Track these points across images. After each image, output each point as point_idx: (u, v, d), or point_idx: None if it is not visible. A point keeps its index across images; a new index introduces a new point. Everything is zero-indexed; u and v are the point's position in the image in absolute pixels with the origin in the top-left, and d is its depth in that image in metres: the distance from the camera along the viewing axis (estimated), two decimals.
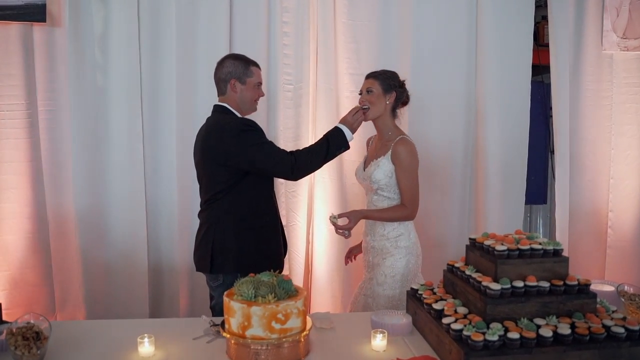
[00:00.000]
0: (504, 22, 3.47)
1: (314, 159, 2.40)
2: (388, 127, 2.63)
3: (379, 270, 2.59)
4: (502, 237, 1.96)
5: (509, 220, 3.52)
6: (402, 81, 2.66)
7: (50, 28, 3.18)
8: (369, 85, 2.61)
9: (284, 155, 2.36)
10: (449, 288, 2.05)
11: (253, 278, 1.80)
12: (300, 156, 2.37)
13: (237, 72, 2.46)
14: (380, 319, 2.05)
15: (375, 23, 3.42)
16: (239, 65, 2.47)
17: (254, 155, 2.32)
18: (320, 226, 3.48)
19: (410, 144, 2.58)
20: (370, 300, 2.60)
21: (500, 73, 3.48)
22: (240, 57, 2.51)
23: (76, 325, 2.36)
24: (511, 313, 1.75)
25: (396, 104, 2.64)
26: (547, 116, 4.18)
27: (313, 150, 2.42)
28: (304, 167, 2.39)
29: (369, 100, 2.58)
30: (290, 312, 1.71)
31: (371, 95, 2.58)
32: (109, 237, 3.31)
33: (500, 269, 1.80)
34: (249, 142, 2.32)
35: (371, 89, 2.59)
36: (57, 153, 3.27)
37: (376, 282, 2.59)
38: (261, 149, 2.34)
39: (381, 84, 2.59)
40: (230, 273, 2.35)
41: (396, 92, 2.61)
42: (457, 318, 1.78)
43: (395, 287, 2.54)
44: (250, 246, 2.39)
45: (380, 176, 2.57)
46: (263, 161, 2.34)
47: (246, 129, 2.34)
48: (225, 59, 2.51)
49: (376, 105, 2.58)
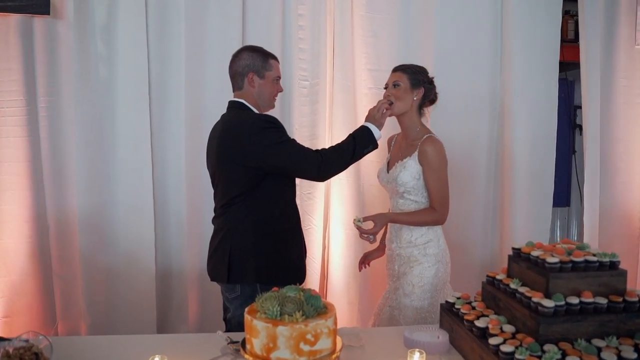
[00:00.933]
0: (531, 16, 3.31)
1: (341, 158, 2.20)
2: (414, 125, 2.46)
3: (406, 280, 2.41)
4: (551, 246, 1.77)
5: (535, 224, 3.39)
6: (431, 78, 2.50)
7: (52, 20, 3.01)
8: (396, 78, 2.43)
9: (310, 154, 2.17)
10: (490, 302, 1.87)
11: (277, 293, 1.61)
12: (327, 154, 2.18)
13: (255, 65, 2.27)
14: (414, 335, 1.87)
15: (395, 16, 3.26)
16: (257, 58, 2.29)
17: (277, 154, 2.13)
18: (336, 230, 3.31)
19: (438, 143, 2.41)
20: (396, 312, 2.42)
21: (527, 69, 3.32)
22: (257, 49, 2.32)
23: (79, 342, 2.17)
24: (566, 333, 1.57)
25: (423, 101, 2.47)
26: (570, 115, 4.01)
27: (339, 149, 2.22)
28: (331, 167, 2.19)
29: (394, 94, 2.40)
30: (321, 332, 1.52)
31: (397, 90, 2.41)
32: (113, 241, 3.14)
33: (552, 284, 1.62)
34: (270, 141, 2.13)
35: (398, 83, 2.41)
36: (59, 152, 3.10)
37: (403, 292, 2.41)
38: (284, 147, 2.15)
39: (409, 78, 2.42)
40: (248, 284, 2.17)
41: (424, 89, 2.44)
42: (505, 338, 1.60)
43: (423, 297, 2.37)
44: (271, 254, 2.20)
45: (407, 178, 2.39)
46: (286, 160, 2.15)
47: (267, 126, 2.16)
48: (241, 51, 2.33)
49: (402, 101, 2.41)
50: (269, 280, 2.07)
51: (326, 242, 3.36)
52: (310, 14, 3.20)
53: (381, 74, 3.24)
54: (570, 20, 3.77)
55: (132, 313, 3.12)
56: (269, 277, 2.12)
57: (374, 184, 2.78)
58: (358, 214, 2.96)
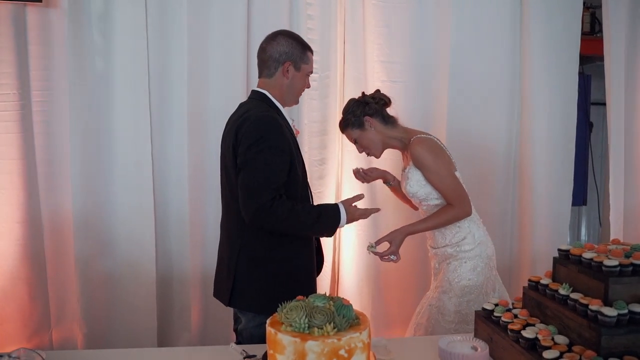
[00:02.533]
0: (550, 7, 3.17)
1: (288, 226, 1.92)
2: (397, 138, 2.38)
3: (444, 277, 2.30)
4: (604, 247, 1.60)
5: (554, 223, 3.27)
6: (363, 99, 2.37)
7: (45, 8, 2.82)
8: (348, 137, 2.42)
9: (264, 194, 1.86)
10: (534, 310, 1.70)
11: (304, 302, 1.43)
12: (283, 207, 1.86)
13: (293, 55, 2.04)
14: (449, 347, 1.69)
15: (409, 5, 3.10)
16: (297, 47, 2.05)
17: (246, 170, 1.90)
18: (348, 233, 3.14)
19: (425, 141, 2.28)
20: (434, 310, 2.30)
21: (546, 63, 3.19)
22: (297, 37, 2.09)
23: (77, 356, 1.98)
24: (630, 345, 1.40)
25: (379, 117, 2.36)
26: (586, 110, 3.87)
27: (301, 213, 1.93)
28: (269, 224, 1.89)
29: (364, 148, 2.40)
30: (355, 347, 1.34)
31: (360, 145, 2.40)
32: (111, 244, 2.94)
33: (612, 290, 1.44)
34: (254, 150, 1.88)
35: (354, 139, 2.39)
36: (53, 150, 2.91)
37: (442, 290, 2.30)
38: (255, 164, 1.89)
39: (352, 127, 2.36)
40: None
41: (369, 115, 2.33)
42: (562, 351, 1.42)
43: (461, 295, 2.24)
44: (280, 267, 1.99)
45: (415, 187, 2.30)
46: (241, 182, 1.90)
47: (262, 134, 1.91)
48: (278, 35, 2.08)
49: (373, 145, 2.38)
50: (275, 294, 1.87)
51: (337, 244, 3.19)
52: (320, 2, 3.03)
53: (394, 66, 3.10)
54: (586, 12, 3.64)
55: (131, 320, 2.94)
56: (275, 295, 1.92)
57: None
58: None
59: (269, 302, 1.90)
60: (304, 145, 3.05)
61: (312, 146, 3.06)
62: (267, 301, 1.90)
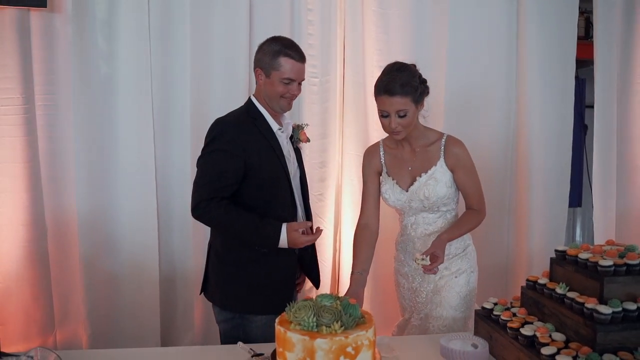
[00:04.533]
0: (546, 12, 3.21)
1: (231, 226, 2.03)
2: (420, 131, 2.20)
3: (443, 289, 2.23)
4: (599, 248, 1.66)
5: (550, 224, 3.30)
6: (420, 74, 2.13)
7: (50, 13, 2.85)
8: (401, 106, 2.03)
9: (205, 191, 2.01)
10: (532, 308, 1.75)
11: (312, 302, 1.48)
12: (219, 209, 1.99)
13: (262, 62, 2.10)
14: (451, 344, 1.74)
15: (408, 11, 3.14)
16: (269, 53, 2.09)
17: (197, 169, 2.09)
18: (348, 232, 3.18)
19: (461, 142, 2.25)
20: (424, 320, 2.27)
21: (543, 67, 3.22)
22: (274, 43, 2.12)
23: (85, 355, 2.02)
24: (624, 342, 1.46)
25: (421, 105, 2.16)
26: (581, 113, 3.93)
27: (237, 220, 2.02)
28: (205, 220, 2.07)
29: (402, 124, 2.05)
30: (362, 344, 1.40)
31: (406, 119, 2.05)
32: (115, 245, 2.98)
33: (607, 289, 1.51)
34: (205, 150, 2.08)
35: (405, 112, 2.04)
36: (57, 153, 2.94)
37: (432, 301, 2.25)
38: (202, 163, 2.08)
39: (413, 98, 2.04)
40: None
41: (425, 95, 2.13)
42: (559, 348, 1.48)
43: (458, 307, 2.22)
44: (240, 268, 2.09)
45: (442, 191, 2.15)
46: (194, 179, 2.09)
47: (214, 134, 2.09)
48: (264, 42, 2.16)
49: (410, 126, 2.10)
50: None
51: (337, 245, 3.24)
52: (320, 8, 3.08)
53: None
54: (580, 17, 3.69)
55: (135, 321, 2.97)
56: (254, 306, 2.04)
57: None
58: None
59: (231, 300, 2.08)
60: (304, 149, 3.09)
61: (313, 150, 3.11)
62: (229, 298, 2.08)
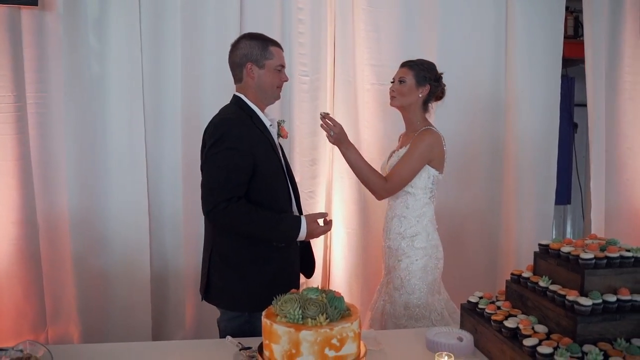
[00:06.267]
0: (534, 12, 3.26)
1: (251, 225, 1.99)
2: (417, 119, 2.45)
3: (395, 274, 2.40)
4: (581, 242, 1.69)
5: (537, 221, 3.33)
6: (439, 74, 2.48)
7: (41, 12, 2.86)
8: (403, 74, 2.42)
9: (216, 193, 1.96)
10: (516, 302, 1.78)
11: (298, 295, 1.50)
12: (236, 211, 1.95)
13: (253, 55, 2.11)
14: (437, 337, 1.77)
15: (398, 10, 3.17)
16: (256, 46, 2.12)
17: (205, 169, 2.05)
18: (339, 230, 3.20)
19: (434, 135, 2.39)
20: (388, 305, 2.43)
21: (530, 65, 3.27)
22: (256, 36, 2.16)
23: (75, 350, 2.03)
24: (604, 333, 1.49)
25: (429, 98, 2.46)
26: (570, 112, 3.97)
27: (258, 218, 1.99)
28: (225, 221, 1.99)
29: (399, 90, 2.41)
30: (346, 336, 1.42)
31: (402, 86, 2.41)
32: (106, 243, 2.99)
33: (587, 281, 1.53)
34: (212, 151, 2.00)
35: (404, 79, 2.41)
36: (49, 151, 2.94)
37: (393, 286, 2.42)
38: (213, 164, 2.01)
39: (415, 75, 2.41)
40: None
41: (430, 86, 2.43)
42: (540, 339, 1.51)
43: (412, 291, 2.35)
44: (249, 268, 2.06)
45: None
46: (202, 181, 2.04)
47: (222, 134, 2.01)
48: (239, 40, 2.17)
49: (406, 97, 2.41)
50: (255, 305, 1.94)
51: (328, 242, 3.25)
52: (310, 7, 3.10)
53: (383, 70, 3.16)
54: (570, 16, 3.73)
55: (126, 318, 2.98)
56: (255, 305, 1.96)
57: None
58: (360, 216, 3.06)
59: (239, 300, 2.04)
60: (295, 147, 3.12)
61: (303, 147, 3.13)
62: (237, 299, 2.04)
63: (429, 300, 2.35)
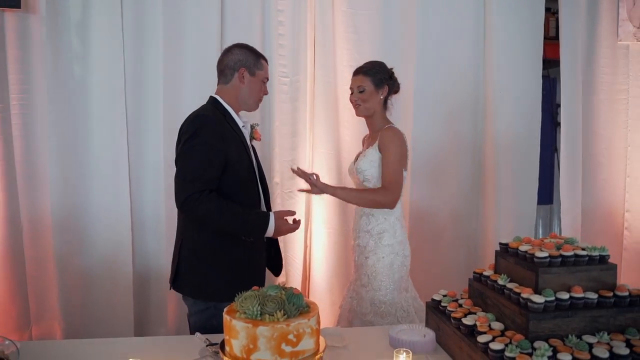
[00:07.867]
0: (513, 13, 3.30)
1: (221, 218, 2.03)
2: (379, 120, 2.50)
3: (363, 271, 2.44)
4: (539, 241, 1.73)
5: (519, 221, 3.36)
6: (391, 71, 2.51)
7: (25, 14, 2.90)
8: (360, 83, 2.46)
9: (189, 185, 2.01)
10: (477, 300, 1.82)
11: (258, 292, 1.54)
12: (210, 202, 2.00)
13: (247, 62, 2.21)
14: (399, 335, 1.82)
15: (377, 12, 3.22)
16: (250, 55, 2.23)
17: (180, 162, 2.10)
18: (318, 229, 3.25)
19: (397, 131, 2.44)
20: (355, 302, 2.47)
21: (510, 67, 3.31)
22: (250, 48, 2.27)
23: (53, 346, 2.07)
24: (556, 329, 1.52)
25: (388, 96, 2.51)
26: (552, 112, 4.00)
27: (228, 211, 2.04)
28: (198, 213, 2.02)
29: (361, 99, 2.45)
30: (303, 332, 1.46)
31: (363, 94, 2.45)
32: (89, 242, 3.04)
33: (541, 279, 1.57)
34: (188, 145, 2.06)
35: (362, 88, 2.45)
36: (32, 151, 2.99)
37: (360, 283, 2.46)
38: (187, 157, 2.07)
39: (372, 80, 2.45)
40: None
41: (388, 85, 2.47)
42: (494, 336, 1.55)
43: (378, 288, 2.39)
44: (218, 258, 2.12)
45: (366, 165, 2.42)
46: (176, 173, 2.09)
47: (194, 129, 2.08)
48: (234, 47, 2.26)
49: (369, 103, 2.45)
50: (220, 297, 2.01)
51: (308, 241, 3.29)
52: (290, 9, 3.14)
53: None
54: (552, 17, 3.77)
55: (109, 316, 3.02)
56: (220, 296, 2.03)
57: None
58: (339, 220, 3.13)
59: (204, 289, 2.11)
60: (274, 147, 3.16)
61: (283, 147, 3.17)
62: (204, 289, 2.11)
63: (396, 297, 2.38)
